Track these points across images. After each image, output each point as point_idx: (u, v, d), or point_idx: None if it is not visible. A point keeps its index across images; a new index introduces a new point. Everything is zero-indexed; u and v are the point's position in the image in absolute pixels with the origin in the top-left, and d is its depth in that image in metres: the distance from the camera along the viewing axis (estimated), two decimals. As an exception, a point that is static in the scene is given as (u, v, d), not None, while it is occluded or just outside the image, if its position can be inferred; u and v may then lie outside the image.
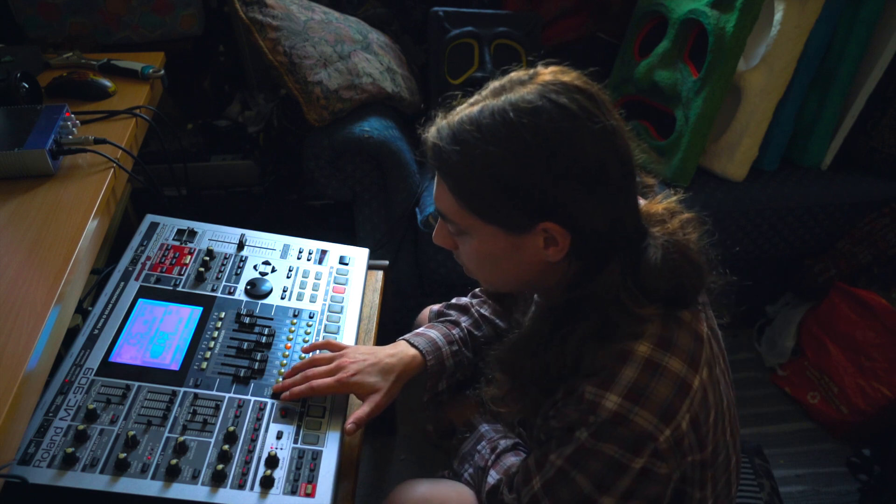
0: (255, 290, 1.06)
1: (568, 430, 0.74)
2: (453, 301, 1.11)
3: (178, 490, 0.79)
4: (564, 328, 0.75)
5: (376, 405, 0.90)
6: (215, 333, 0.98)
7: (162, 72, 1.37)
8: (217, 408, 0.89)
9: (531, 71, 0.74)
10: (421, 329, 1.03)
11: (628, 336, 0.72)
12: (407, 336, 1.01)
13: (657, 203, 0.80)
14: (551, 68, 0.74)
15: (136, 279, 1.04)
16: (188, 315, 1.00)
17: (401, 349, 0.97)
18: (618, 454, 0.71)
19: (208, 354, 0.95)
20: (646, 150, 1.73)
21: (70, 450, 0.79)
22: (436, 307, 1.12)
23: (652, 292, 0.72)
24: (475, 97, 0.75)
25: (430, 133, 0.76)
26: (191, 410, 0.88)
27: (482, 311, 1.07)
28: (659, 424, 0.70)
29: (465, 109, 0.73)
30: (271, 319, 1.03)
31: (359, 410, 0.90)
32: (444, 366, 0.99)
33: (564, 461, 0.75)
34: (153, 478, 0.79)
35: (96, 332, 0.95)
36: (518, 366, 0.80)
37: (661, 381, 0.71)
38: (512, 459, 0.93)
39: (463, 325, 1.05)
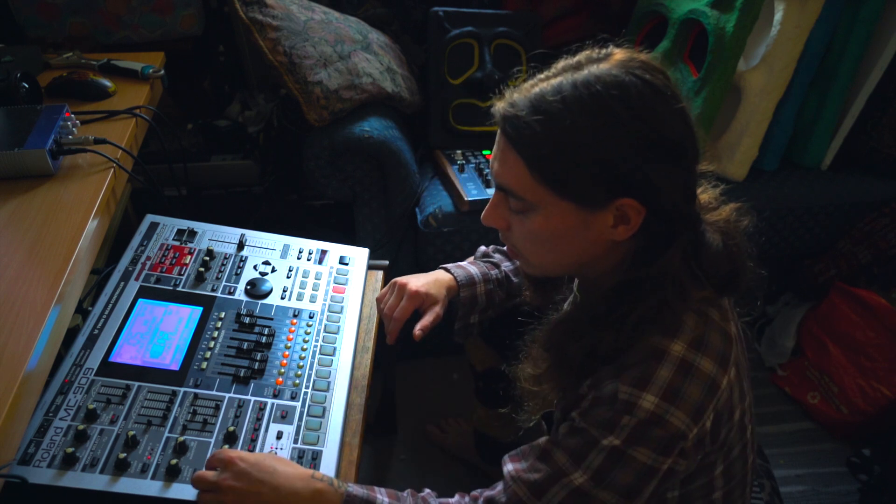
0: (255, 290, 1.06)
1: (591, 436, 0.73)
2: (502, 247, 1.14)
3: (178, 490, 0.79)
4: (622, 308, 0.74)
5: (437, 315, 1.00)
6: (215, 333, 0.98)
7: (162, 72, 1.37)
8: (217, 408, 0.89)
9: (603, 51, 0.73)
10: (463, 262, 1.11)
11: (665, 331, 0.73)
12: (448, 265, 1.08)
13: (702, 192, 0.81)
14: (624, 48, 0.73)
15: (136, 279, 1.04)
16: (188, 315, 1.00)
17: (440, 274, 1.06)
18: (650, 459, 0.71)
19: (208, 354, 0.95)
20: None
21: (70, 450, 0.79)
22: (484, 248, 1.16)
23: (711, 276, 0.73)
24: (545, 73, 0.73)
25: (502, 105, 0.73)
26: (191, 410, 0.88)
27: None
28: (690, 424, 0.71)
29: (541, 83, 0.71)
30: (271, 319, 1.03)
31: (424, 319, 0.99)
32: (477, 300, 1.06)
33: (590, 477, 0.73)
34: (153, 478, 0.80)
35: (96, 332, 0.95)
36: (564, 345, 0.79)
37: (694, 381, 0.71)
38: None
39: (503, 268, 1.09)
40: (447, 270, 1.07)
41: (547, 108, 0.69)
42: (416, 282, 1.01)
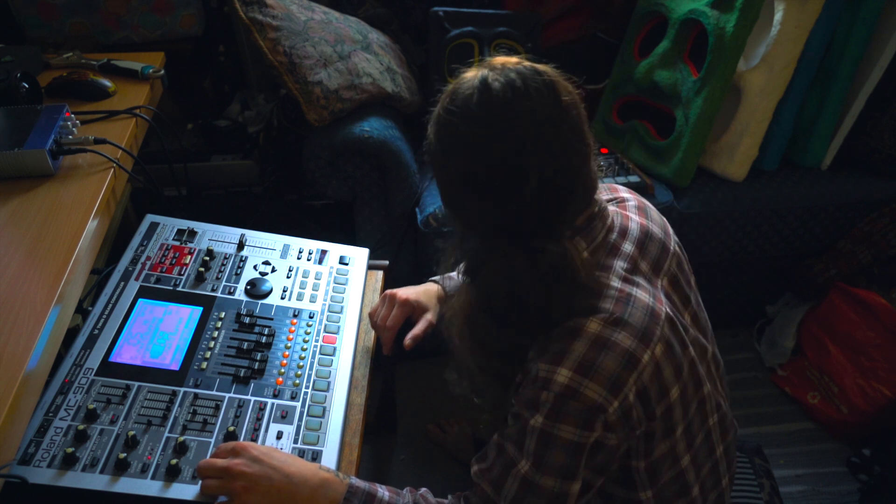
0: (255, 290, 1.06)
1: (524, 419, 0.76)
2: None
3: (178, 490, 0.79)
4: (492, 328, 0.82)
5: (429, 323, 1.03)
6: (215, 333, 0.98)
7: (162, 72, 1.37)
8: (217, 408, 0.89)
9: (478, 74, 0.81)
10: (451, 273, 1.11)
11: (581, 312, 0.76)
12: (436, 277, 1.11)
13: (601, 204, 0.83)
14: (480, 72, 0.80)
15: (136, 279, 1.04)
16: (188, 315, 1.00)
17: (429, 285, 1.10)
18: (575, 435, 0.73)
19: (208, 354, 0.95)
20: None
21: (70, 450, 0.79)
22: None
23: (527, 306, 0.77)
24: None
25: None
26: (191, 410, 0.88)
27: None
28: (608, 396, 0.73)
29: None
30: (271, 319, 1.03)
31: (416, 328, 1.02)
32: None
33: (531, 463, 0.76)
34: (153, 478, 0.80)
35: (96, 332, 0.95)
36: (473, 357, 0.86)
37: (609, 355, 0.74)
38: None
39: None
40: (435, 282, 1.11)
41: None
42: (406, 292, 1.05)
